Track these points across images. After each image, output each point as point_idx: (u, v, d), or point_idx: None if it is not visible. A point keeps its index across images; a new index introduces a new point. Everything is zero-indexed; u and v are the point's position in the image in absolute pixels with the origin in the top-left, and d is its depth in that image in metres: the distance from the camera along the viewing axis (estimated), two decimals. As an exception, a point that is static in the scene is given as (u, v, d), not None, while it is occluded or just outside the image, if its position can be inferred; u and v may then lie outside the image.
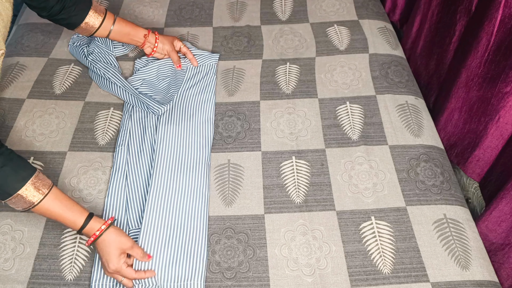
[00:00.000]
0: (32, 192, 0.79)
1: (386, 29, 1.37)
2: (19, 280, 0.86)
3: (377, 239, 0.91)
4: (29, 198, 0.79)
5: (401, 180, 1.00)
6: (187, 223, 0.94)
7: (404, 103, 1.15)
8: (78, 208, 0.84)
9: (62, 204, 0.82)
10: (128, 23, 1.12)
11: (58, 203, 0.82)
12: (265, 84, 1.20)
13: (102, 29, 1.07)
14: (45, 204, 0.80)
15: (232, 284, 0.86)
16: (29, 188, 0.79)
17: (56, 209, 0.82)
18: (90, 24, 1.05)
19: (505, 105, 0.95)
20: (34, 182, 0.80)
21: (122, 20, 1.11)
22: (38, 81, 1.20)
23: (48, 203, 0.81)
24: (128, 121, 1.11)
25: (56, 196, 0.82)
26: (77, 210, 0.84)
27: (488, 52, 0.97)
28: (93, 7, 1.05)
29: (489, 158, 1.05)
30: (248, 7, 1.43)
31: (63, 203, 0.83)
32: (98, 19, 1.05)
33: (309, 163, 1.03)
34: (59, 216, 0.82)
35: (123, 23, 1.11)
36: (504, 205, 0.91)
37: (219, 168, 1.03)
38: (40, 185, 0.80)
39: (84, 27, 1.05)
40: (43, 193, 0.80)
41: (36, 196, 0.80)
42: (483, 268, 0.88)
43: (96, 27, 1.06)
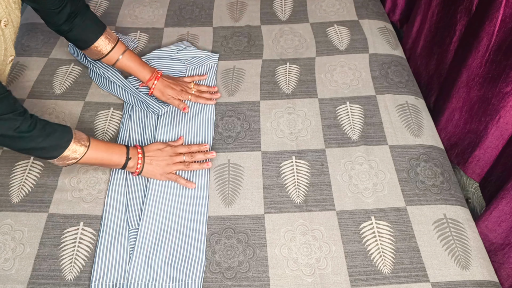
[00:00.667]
0: (78, 142, 0.89)
1: (386, 29, 1.37)
2: (19, 280, 0.86)
3: (377, 239, 0.91)
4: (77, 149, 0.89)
5: (401, 180, 1.00)
6: (186, 224, 0.94)
7: (404, 103, 1.15)
8: (116, 148, 0.94)
9: (101, 151, 0.93)
10: (136, 59, 1.11)
11: (100, 150, 0.92)
12: (265, 84, 1.20)
13: (110, 57, 1.07)
14: (90, 152, 0.90)
15: (232, 284, 0.86)
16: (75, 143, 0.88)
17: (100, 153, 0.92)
18: (98, 49, 1.06)
19: (506, 105, 0.95)
20: (76, 137, 0.89)
21: (131, 54, 1.10)
22: (38, 81, 1.20)
23: (92, 152, 0.91)
24: (128, 121, 1.11)
25: (96, 141, 0.93)
26: (117, 151, 0.94)
27: (488, 52, 0.97)
28: (106, 33, 1.05)
29: (489, 158, 1.05)
30: (248, 7, 1.43)
31: (103, 150, 0.93)
32: (108, 46, 1.06)
33: (309, 163, 1.03)
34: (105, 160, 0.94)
35: (132, 58, 1.10)
36: (504, 205, 0.91)
37: (219, 168, 1.03)
38: (81, 138, 0.90)
39: (93, 51, 1.06)
40: (86, 145, 0.90)
41: (82, 145, 0.89)
42: (483, 268, 0.88)
43: (104, 53, 1.06)
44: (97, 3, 1.45)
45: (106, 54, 1.07)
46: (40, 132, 0.84)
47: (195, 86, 1.18)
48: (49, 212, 0.95)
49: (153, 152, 0.98)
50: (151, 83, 1.12)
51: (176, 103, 1.13)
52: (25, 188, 0.98)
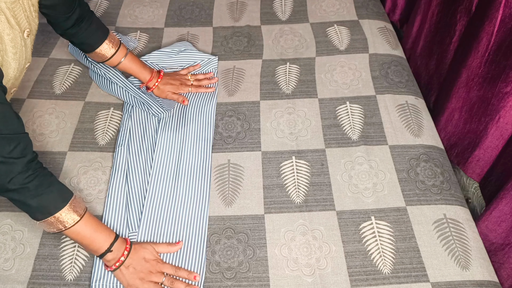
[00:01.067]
0: (69, 213, 0.80)
1: (386, 29, 1.37)
2: (19, 280, 0.86)
3: (377, 239, 0.91)
4: (66, 219, 0.79)
5: (401, 180, 1.00)
6: (187, 225, 0.94)
7: (404, 103, 1.15)
8: (105, 232, 0.84)
9: (91, 229, 0.82)
10: (137, 61, 1.13)
11: (89, 226, 0.82)
12: (265, 84, 1.20)
13: (113, 60, 1.09)
14: (77, 227, 0.81)
15: (232, 284, 0.86)
16: (69, 209, 0.80)
17: (87, 232, 0.82)
18: (102, 53, 1.08)
19: (506, 105, 0.95)
20: (73, 204, 0.81)
21: (133, 57, 1.12)
22: (38, 81, 1.20)
23: (81, 225, 0.81)
24: (128, 121, 1.11)
25: (89, 218, 0.83)
26: (104, 234, 0.83)
27: (488, 52, 0.97)
28: (109, 37, 1.07)
29: (489, 158, 1.05)
30: (248, 7, 1.43)
31: (94, 227, 0.83)
32: (111, 50, 1.08)
33: (309, 163, 1.03)
34: (86, 240, 0.82)
35: (133, 60, 1.12)
36: (504, 205, 0.91)
37: (219, 168, 1.03)
38: (77, 207, 0.81)
39: (97, 54, 1.08)
40: (80, 215, 0.81)
41: (72, 217, 0.80)
42: (483, 268, 0.88)
43: (107, 57, 1.08)
44: (97, 3, 1.45)
45: (109, 57, 1.09)
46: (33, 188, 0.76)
47: (192, 76, 1.20)
48: (49, 212, 0.95)
49: (136, 260, 0.85)
50: (152, 83, 1.14)
51: (175, 97, 1.15)
52: (25, 188, 0.98)
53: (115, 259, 0.84)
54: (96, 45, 1.06)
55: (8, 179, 0.73)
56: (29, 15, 0.83)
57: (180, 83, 1.17)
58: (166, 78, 1.16)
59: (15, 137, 0.74)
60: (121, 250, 0.85)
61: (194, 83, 1.18)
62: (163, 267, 0.87)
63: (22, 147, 0.75)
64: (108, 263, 0.85)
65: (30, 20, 0.84)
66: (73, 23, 1.00)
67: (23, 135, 0.76)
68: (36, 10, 0.85)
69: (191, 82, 1.18)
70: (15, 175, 0.74)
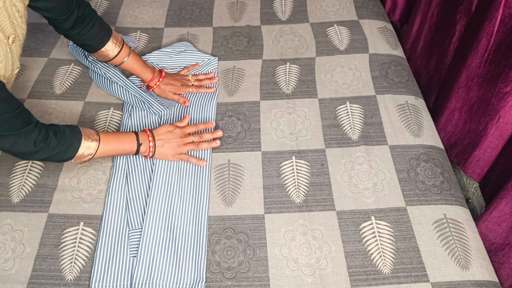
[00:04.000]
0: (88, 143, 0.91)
1: (386, 29, 1.37)
2: (19, 280, 0.86)
3: (377, 239, 0.91)
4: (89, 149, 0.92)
5: (401, 180, 1.00)
6: (187, 227, 0.94)
7: (404, 103, 1.16)
8: (126, 137, 0.97)
9: (113, 143, 0.95)
10: (140, 61, 1.13)
11: (111, 142, 0.95)
12: (265, 84, 1.20)
13: (116, 60, 1.10)
14: (102, 148, 0.93)
15: (232, 284, 0.86)
16: (86, 140, 0.91)
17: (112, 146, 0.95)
18: (106, 53, 1.08)
19: (505, 105, 0.95)
20: (86, 134, 0.92)
21: (135, 56, 1.12)
22: (38, 81, 1.20)
23: (104, 145, 0.94)
24: (128, 121, 1.11)
25: (106, 135, 0.95)
26: (127, 140, 0.97)
27: (488, 52, 0.97)
28: (113, 37, 1.08)
29: (489, 158, 1.05)
30: (248, 7, 1.43)
31: (114, 141, 0.96)
32: (115, 50, 1.08)
33: (309, 163, 1.03)
34: (118, 150, 0.97)
35: (136, 60, 1.12)
36: (504, 205, 0.91)
37: (219, 168, 1.03)
38: (90, 134, 0.92)
39: (101, 54, 1.08)
40: (97, 140, 0.93)
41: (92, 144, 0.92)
42: (483, 268, 0.88)
43: (111, 57, 1.09)
44: (97, 3, 1.45)
45: (113, 57, 1.09)
46: (54, 139, 0.87)
47: (193, 77, 1.20)
48: (49, 212, 0.95)
49: (164, 135, 1.01)
50: (153, 83, 1.14)
51: (176, 98, 1.15)
52: (25, 188, 0.98)
53: (147, 148, 0.98)
54: (98, 47, 1.06)
55: (32, 144, 0.84)
56: (14, 21, 0.82)
57: (181, 84, 1.17)
58: (168, 78, 1.16)
59: (19, 111, 0.83)
60: (146, 138, 0.99)
61: (195, 83, 1.19)
62: (186, 129, 1.04)
63: (27, 116, 0.85)
64: (145, 153, 0.99)
65: (16, 26, 0.83)
66: (72, 24, 1.00)
67: (23, 107, 0.84)
68: (22, 15, 0.85)
69: (192, 83, 1.19)
70: (36, 138, 0.85)
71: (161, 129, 1.02)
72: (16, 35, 0.83)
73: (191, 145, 1.03)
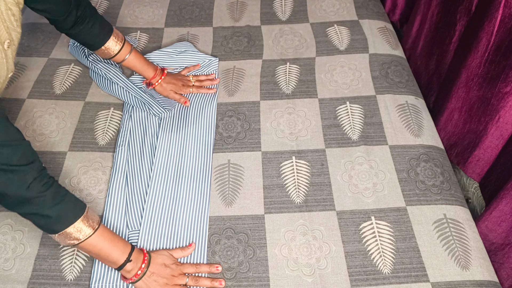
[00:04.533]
0: (86, 223, 0.78)
1: (386, 29, 1.37)
2: (20, 280, 0.86)
3: (377, 239, 0.91)
4: (83, 229, 0.78)
5: (401, 180, 1.00)
6: (187, 227, 0.94)
7: (404, 103, 1.16)
8: (121, 243, 0.82)
9: (107, 239, 0.80)
10: (142, 58, 1.13)
11: (106, 236, 0.81)
12: (265, 84, 1.20)
13: (118, 57, 1.10)
14: (95, 237, 0.79)
15: (232, 284, 0.86)
16: (85, 218, 0.78)
17: (105, 242, 0.80)
18: (107, 51, 1.08)
19: (505, 105, 0.95)
20: (89, 213, 0.79)
21: (137, 54, 1.12)
22: (38, 81, 1.20)
23: (98, 236, 0.79)
24: (128, 121, 1.11)
25: (105, 229, 0.81)
26: (120, 246, 0.82)
27: (488, 52, 0.97)
28: (114, 34, 1.08)
29: (489, 158, 1.05)
30: (248, 7, 1.43)
31: (110, 237, 0.81)
32: (116, 47, 1.08)
33: (309, 163, 1.03)
34: (104, 251, 0.80)
35: (138, 57, 1.12)
36: (504, 205, 0.91)
37: (219, 168, 1.03)
38: (92, 216, 0.80)
39: (103, 52, 1.08)
40: (93, 228, 0.79)
41: (90, 226, 0.78)
42: (483, 268, 0.88)
43: (112, 54, 1.09)
44: (97, 3, 1.45)
45: (115, 54, 1.09)
46: (52, 197, 0.74)
47: (194, 77, 1.20)
48: (49, 212, 0.95)
49: (157, 267, 0.85)
50: (155, 80, 1.15)
51: (177, 97, 1.16)
52: (25, 188, 0.98)
53: (134, 269, 0.82)
54: (99, 45, 1.06)
55: (25, 186, 0.71)
56: (9, 25, 0.80)
57: (182, 84, 1.17)
58: (169, 77, 1.17)
59: (19, 143, 0.73)
60: (139, 259, 0.83)
61: (196, 84, 1.19)
62: (184, 268, 0.86)
63: (28, 153, 0.74)
64: (128, 274, 0.82)
65: (11, 30, 0.81)
66: (72, 24, 1.00)
67: (26, 142, 0.75)
68: (17, 19, 0.82)
69: (193, 83, 1.19)
70: (31, 181, 0.72)
71: (158, 258, 0.86)
72: (11, 39, 0.82)
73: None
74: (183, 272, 0.86)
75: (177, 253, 0.89)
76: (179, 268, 0.86)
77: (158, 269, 0.84)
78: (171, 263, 0.86)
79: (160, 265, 0.85)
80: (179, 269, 0.86)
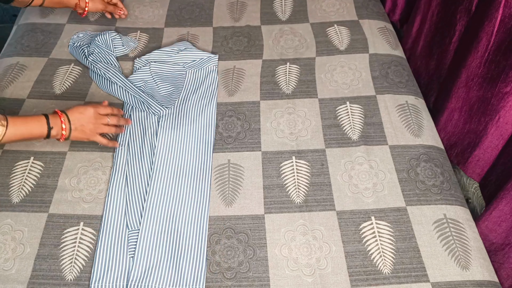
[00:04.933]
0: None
1: (386, 29, 1.37)
2: (19, 280, 0.86)
3: (377, 239, 0.91)
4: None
5: (401, 180, 1.00)
6: (187, 225, 0.94)
7: (404, 103, 1.16)
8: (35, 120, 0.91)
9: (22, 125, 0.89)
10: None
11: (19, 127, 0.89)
12: (265, 84, 1.20)
13: (35, 2, 1.13)
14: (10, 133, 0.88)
15: (232, 284, 0.86)
16: None
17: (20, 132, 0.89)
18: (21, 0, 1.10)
19: (505, 105, 0.95)
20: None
21: None
22: (38, 81, 1.20)
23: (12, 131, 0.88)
24: (128, 121, 1.11)
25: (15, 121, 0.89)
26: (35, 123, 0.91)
27: (488, 52, 0.97)
28: None
29: (489, 158, 1.05)
30: (248, 7, 1.43)
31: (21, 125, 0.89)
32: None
33: (309, 163, 1.03)
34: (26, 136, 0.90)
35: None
36: (504, 205, 0.91)
37: (219, 168, 1.03)
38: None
39: (18, 2, 1.10)
40: (3, 125, 0.87)
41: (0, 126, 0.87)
42: (483, 268, 0.88)
43: (28, 1, 1.11)
44: None
45: (31, 2, 1.12)
46: None
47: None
48: (49, 212, 0.95)
49: (77, 116, 0.96)
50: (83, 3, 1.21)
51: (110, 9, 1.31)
52: (25, 188, 0.98)
53: (59, 130, 0.93)
54: None
55: None
56: None
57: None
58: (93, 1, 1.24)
59: None
60: (58, 121, 0.93)
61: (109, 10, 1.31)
62: (99, 110, 0.99)
63: None
64: (57, 136, 0.94)
65: None
66: None
67: None
68: None
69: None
70: None
71: (75, 111, 0.97)
72: None
73: (106, 127, 1.00)
74: (100, 114, 0.99)
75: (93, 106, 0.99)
76: (95, 111, 0.98)
77: (78, 120, 0.96)
78: (84, 109, 0.97)
79: (78, 114, 0.96)
80: (96, 111, 0.98)
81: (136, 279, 0.86)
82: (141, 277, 0.86)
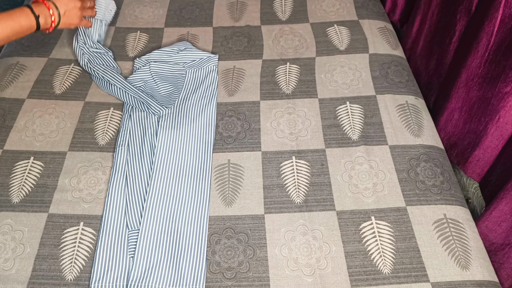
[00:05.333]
0: None
1: (386, 29, 1.37)
2: (19, 280, 0.86)
3: (377, 239, 0.91)
4: None
5: (401, 180, 1.00)
6: (187, 225, 0.94)
7: (404, 103, 1.16)
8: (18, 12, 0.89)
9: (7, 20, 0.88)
10: None
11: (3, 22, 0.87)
12: (265, 84, 1.20)
13: None
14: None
15: (232, 284, 0.86)
16: None
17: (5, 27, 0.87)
18: None
19: (505, 105, 0.95)
20: None
21: None
22: (38, 81, 1.20)
23: None
24: (128, 121, 1.11)
25: None
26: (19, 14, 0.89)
27: (488, 52, 0.97)
28: None
29: (489, 158, 1.05)
30: (248, 7, 1.43)
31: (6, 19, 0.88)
32: None
33: (309, 163, 1.03)
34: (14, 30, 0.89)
35: None
36: (504, 205, 0.91)
37: (219, 168, 1.03)
38: None
39: None
40: None
41: None
42: (483, 268, 0.88)
43: None
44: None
45: None
46: None
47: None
48: (49, 212, 0.95)
49: (64, 1, 0.98)
50: None
51: None
52: (25, 188, 0.98)
53: (48, 17, 0.94)
54: None
55: None
56: None
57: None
58: None
59: None
60: (44, 9, 0.93)
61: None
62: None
63: None
64: (47, 25, 0.95)
65: None
66: None
67: None
68: None
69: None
70: None
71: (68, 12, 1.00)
72: None
73: (89, 10, 1.05)
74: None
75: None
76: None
77: (65, 3, 0.98)
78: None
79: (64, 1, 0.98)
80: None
81: (136, 279, 0.86)
82: (141, 277, 0.87)
